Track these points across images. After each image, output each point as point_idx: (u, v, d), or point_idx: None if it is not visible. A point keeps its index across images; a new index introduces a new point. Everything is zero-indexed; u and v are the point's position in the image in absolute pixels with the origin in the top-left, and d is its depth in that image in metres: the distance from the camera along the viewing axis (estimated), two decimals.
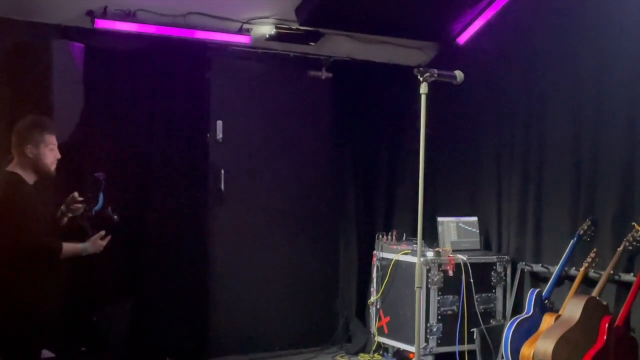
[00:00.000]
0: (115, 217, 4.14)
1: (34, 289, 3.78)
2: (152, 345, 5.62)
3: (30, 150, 3.83)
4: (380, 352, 6.09)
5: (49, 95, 5.14)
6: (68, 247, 3.90)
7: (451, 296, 5.64)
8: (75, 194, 4.01)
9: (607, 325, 4.56)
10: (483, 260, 5.79)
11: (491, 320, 5.72)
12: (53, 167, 3.91)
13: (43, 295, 3.84)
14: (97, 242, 4.02)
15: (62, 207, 4.01)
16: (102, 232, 4.03)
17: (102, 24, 5.28)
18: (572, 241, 5.21)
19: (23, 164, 3.84)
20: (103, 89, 5.53)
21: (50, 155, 3.89)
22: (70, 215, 4.02)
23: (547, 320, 4.99)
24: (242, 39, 5.83)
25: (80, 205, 4.02)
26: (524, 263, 5.66)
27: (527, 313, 5.20)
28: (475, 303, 5.66)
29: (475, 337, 5.42)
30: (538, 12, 5.72)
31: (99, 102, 5.50)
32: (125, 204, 5.26)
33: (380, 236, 6.12)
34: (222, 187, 6.07)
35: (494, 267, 5.81)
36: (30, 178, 3.86)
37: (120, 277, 5.60)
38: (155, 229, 5.71)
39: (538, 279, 5.60)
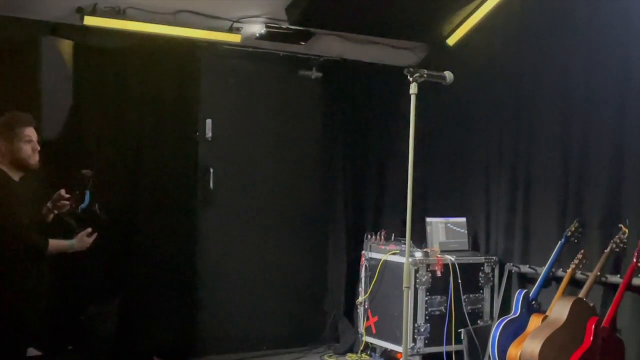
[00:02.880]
0: (103, 215, 4.13)
1: (20, 286, 3.77)
2: (139, 344, 5.60)
3: (5, 148, 3.82)
4: (368, 352, 6.08)
5: (37, 92, 5.14)
6: (54, 243, 3.90)
7: (439, 296, 5.65)
8: (62, 191, 4.00)
9: (593, 326, 4.57)
10: (471, 261, 5.80)
11: (479, 321, 5.73)
12: (32, 160, 3.89)
13: (29, 293, 3.82)
14: (83, 239, 4.01)
15: (48, 204, 3.99)
16: (89, 229, 4.03)
17: (92, 21, 5.26)
18: (559, 242, 5.22)
19: (4, 161, 3.84)
20: (92, 87, 5.51)
21: (27, 148, 3.86)
22: (56, 212, 4.00)
23: (534, 321, 5.01)
24: (232, 38, 5.81)
25: (66, 203, 4.00)
26: (511, 264, 5.69)
27: (514, 314, 5.22)
28: (463, 303, 5.67)
29: (462, 337, 5.43)
30: (527, 14, 5.73)
31: (88, 99, 5.50)
32: (113, 201, 5.26)
33: (369, 236, 6.12)
34: (211, 186, 6.05)
35: (482, 268, 5.82)
36: (15, 174, 3.85)
37: (108, 275, 5.57)
38: (143, 227, 5.69)
39: (525, 280, 5.61)
